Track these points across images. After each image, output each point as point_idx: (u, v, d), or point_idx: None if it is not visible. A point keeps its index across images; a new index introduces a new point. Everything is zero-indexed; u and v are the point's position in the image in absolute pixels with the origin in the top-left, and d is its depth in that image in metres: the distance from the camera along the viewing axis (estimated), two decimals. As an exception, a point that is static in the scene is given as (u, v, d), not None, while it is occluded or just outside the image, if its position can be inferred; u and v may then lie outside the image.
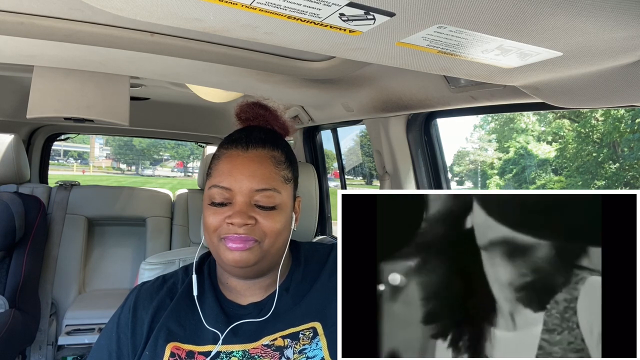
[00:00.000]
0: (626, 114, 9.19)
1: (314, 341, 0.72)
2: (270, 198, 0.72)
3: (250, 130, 0.79)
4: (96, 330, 1.89)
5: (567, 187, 10.58)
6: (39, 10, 0.76)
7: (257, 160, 0.73)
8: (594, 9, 0.38)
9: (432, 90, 0.97)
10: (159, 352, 0.71)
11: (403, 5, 0.38)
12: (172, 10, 0.42)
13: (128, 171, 40.61)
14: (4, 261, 1.82)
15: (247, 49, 0.94)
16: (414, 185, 1.32)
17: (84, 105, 1.30)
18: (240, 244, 0.70)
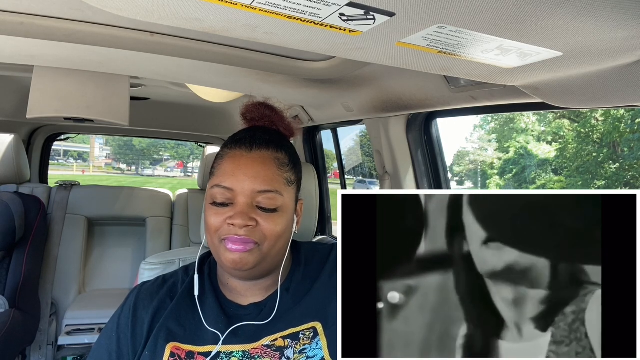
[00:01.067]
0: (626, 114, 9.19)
1: (314, 341, 0.72)
2: (272, 200, 0.72)
3: (254, 131, 0.79)
4: (96, 330, 1.89)
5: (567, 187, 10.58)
6: (39, 10, 0.76)
7: (260, 162, 0.73)
8: (593, 9, 0.38)
9: (432, 90, 0.97)
10: (159, 352, 0.71)
11: (403, 5, 0.38)
12: (172, 10, 0.42)
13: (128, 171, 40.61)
14: (4, 261, 1.82)
15: (247, 49, 0.94)
16: (414, 185, 1.32)
17: (84, 105, 1.30)
18: (240, 246, 0.69)
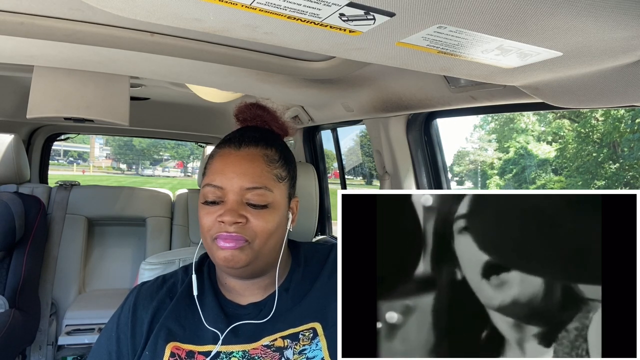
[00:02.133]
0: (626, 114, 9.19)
1: (314, 342, 0.72)
2: (261, 196, 0.72)
3: (244, 130, 0.80)
4: (96, 330, 1.89)
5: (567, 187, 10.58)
6: (39, 10, 0.76)
7: (248, 159, 0.73)
8: (593, 9, 0.38)
9: (432, 90, 0.97)
10: (159, 352, 0.71)
11: (403, 5, 0.38)
12: (172, 10, 0.42)
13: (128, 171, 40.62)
14: (4, 261, 1.82)
15: (247, 49, 0.94)
16: (414, 185, 1.32)
17: (84, 105, 1.30)
18: (231, 243, 0.70)
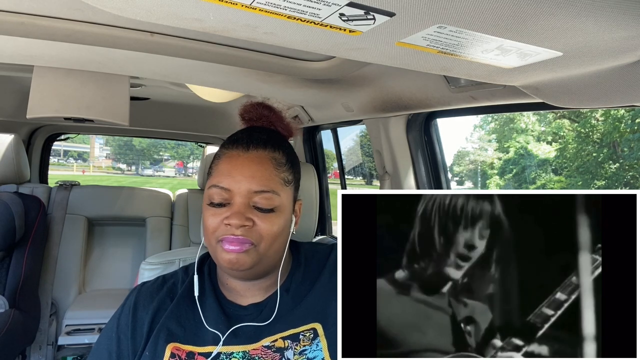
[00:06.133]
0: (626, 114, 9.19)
1: (315, 342, 0.72)
2: (269, 200, 0.72)
3: (252, 131, 0.79)
4: (96, 330, 1.89)
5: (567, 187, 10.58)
6: (39, 10, 0.76)
7: (257, 162, 0.73)
8: (593, 9, 0.38)
9: (432, 90, 0.97)
10: (159, 352, 0.71)
11: (403, 5, 0.38)
12: (172, 10, 0.42)
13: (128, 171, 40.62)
14: (4, 261, 1.82)
15: (247, 49, 0.94)
16: (414, 185, 1.32)
17: (84, 105, 1.30)
18: (237, 246, 0.69)
